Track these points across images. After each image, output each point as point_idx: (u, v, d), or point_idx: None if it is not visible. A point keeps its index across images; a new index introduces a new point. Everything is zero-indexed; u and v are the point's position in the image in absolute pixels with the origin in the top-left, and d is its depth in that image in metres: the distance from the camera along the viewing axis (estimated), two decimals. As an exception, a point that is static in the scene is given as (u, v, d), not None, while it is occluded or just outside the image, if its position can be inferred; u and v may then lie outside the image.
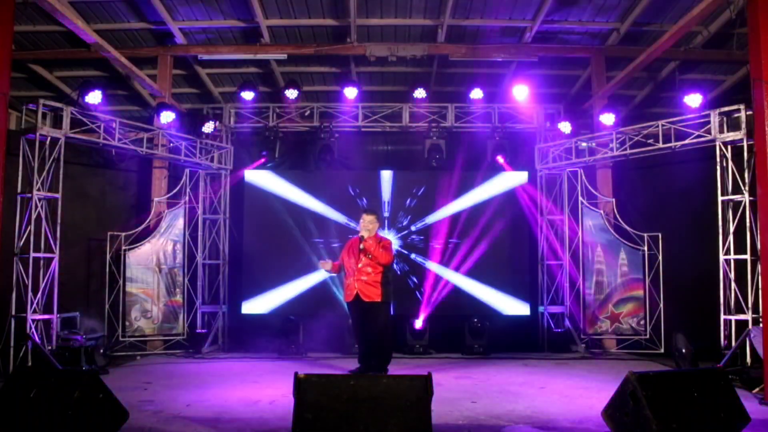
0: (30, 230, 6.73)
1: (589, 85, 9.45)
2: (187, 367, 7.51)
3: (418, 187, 9.45)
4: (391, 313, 6.64)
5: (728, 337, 6.73)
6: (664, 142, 7.83)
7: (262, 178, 9.46)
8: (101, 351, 7.29)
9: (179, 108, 9.68)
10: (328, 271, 6.70)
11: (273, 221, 9.36)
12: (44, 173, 6.95)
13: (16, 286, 6.64)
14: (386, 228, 9.31)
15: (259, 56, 9.13)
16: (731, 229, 6.93)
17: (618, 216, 8.76)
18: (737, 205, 6.89)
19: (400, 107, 9.43)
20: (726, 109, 7.11)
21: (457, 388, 6.00)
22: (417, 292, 9.16)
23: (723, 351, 6.63)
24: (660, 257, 8.31)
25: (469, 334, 8.48)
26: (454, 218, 9.34)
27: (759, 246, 5.77)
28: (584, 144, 8.87)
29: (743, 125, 6.81)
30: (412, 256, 9.31)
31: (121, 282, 8.24)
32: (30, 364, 6.32)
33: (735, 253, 6.88)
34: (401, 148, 9.83)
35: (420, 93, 9.07)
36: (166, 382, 6.31)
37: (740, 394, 4.32)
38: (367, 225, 6.41)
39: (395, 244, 9.12)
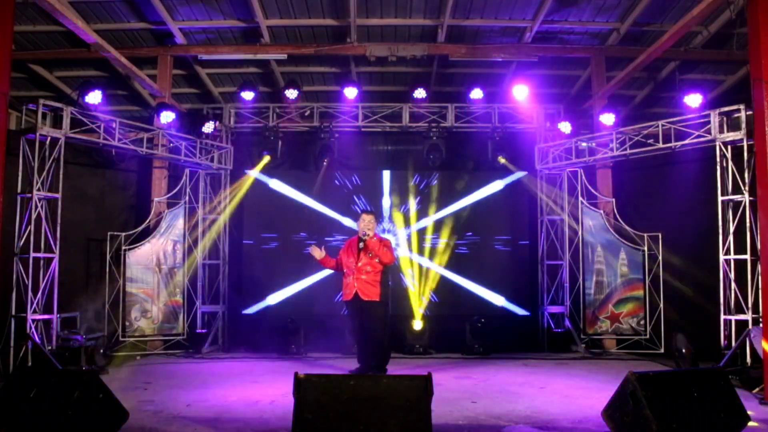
0: (30, 230, 6.73)
1: (589, 85, 9.45)
2: (187, 367, 7.51)
3: (418, 187, 9.45)
4: (389, 312, 6.64)
5: (728, 337, 6.73)
6: (664, 142, 7.83)
7: (261, 178, 9.45)
8: (101, 351, 7.28)
9: (179, 108, 9.68)
10: (318, 260, 6.60)
11: (273, 221, 9.36)
12: (44, 173, 6.95)
13: (16, 286, 6.64)
14: (386, 227, 9.31)
15: (259, 56, 9.13)
16: (731, 229, 6.92)
17: (618, 216, 8.76)
18: (737, 205, 6.89)
19: (400, 107, 9.43)
20: (726, 109, 7.11)
21: (457, 388, 5.99)
22: (417, 292, 9.15)
23: (723, 351, 6.63)
24: (660, 257, 8.30)
25: (469, 334, 8.47)
26: (454, 218, 9.35)
27: (759, 246, 5.77)
28: (584, 144, 8.87)
29: (743, 125, 6.82)
30: (412, 255, 9.31)
31: (121, 282, 8.24)
32: (30, 364, 6.32)
33: (735, 253, 6.88)
34: (401, 148, 9.83)
35: (420, 93, 9.06)
36: (166, 382, 6.30)
37: (740, 394, 4.32)
38: (366, 225, 6.42)
39: (395, 244, 9.14)
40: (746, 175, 6.69)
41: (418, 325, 8.64)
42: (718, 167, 7.09)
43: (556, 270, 9.30)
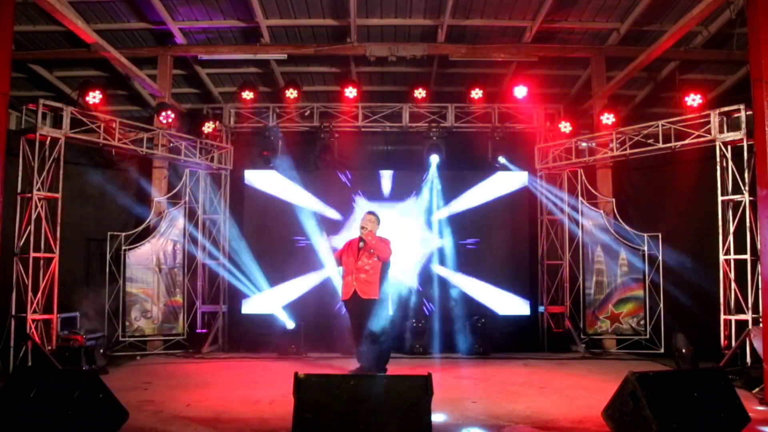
0: (30, 230, 6.73)
1: (589, 85, 9.45)
2: (187, 367, 7.51)
3: (418, 187, 9.44)
4: (389, 311, 6.63)
5: (728, 337, 6.73)
6: (664, 142, 7.83)
7: (262, 178, 9.46)
8: (101, 351, 7.28)
9: (179, 108, 9.68)
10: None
11: (273, 221, 9.36)
12: (44, 173, 6.95)
13: (16, 286, 6.64)
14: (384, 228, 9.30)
15: (259, 56, 9.13)
16: (731, 229, 6.93)
17: (618, 216, 8.76)
18: (737, 205, 6.89)
19: (400, 107, 9.42)
20: (726, 109, 7.12)
21: (457, 388, 5.99)
22: (416, 292, 9.15)
23: (723, 351, 6.63)
24: (660, 257, 8.30)
25: (469, 334, 8.47)
26: (454, 218, 9.34)
27: (759, 246, 5.77)
28: (584, 144, 8.87)
29: (743, 125, 6.82)
30: (412, 256, 9.30)
31: (121, 282, 8.24)
32: (30, 364, 6.32)
33: (735, 253, 6.88)
34: (401, 148, 9.82)
35: (420, 93, 9.07)
36: (166, 382, 6.30)
37: (740, 394, 4.32)
38: (366, 224, 6.44)
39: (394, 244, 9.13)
40: (746, 175, 6.69)
41: (416, 324, 8.61)
42: (718, 167, 7.09)
43: (556, 270, 9.29)
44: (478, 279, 9.26)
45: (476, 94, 9.02)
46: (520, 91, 8.88)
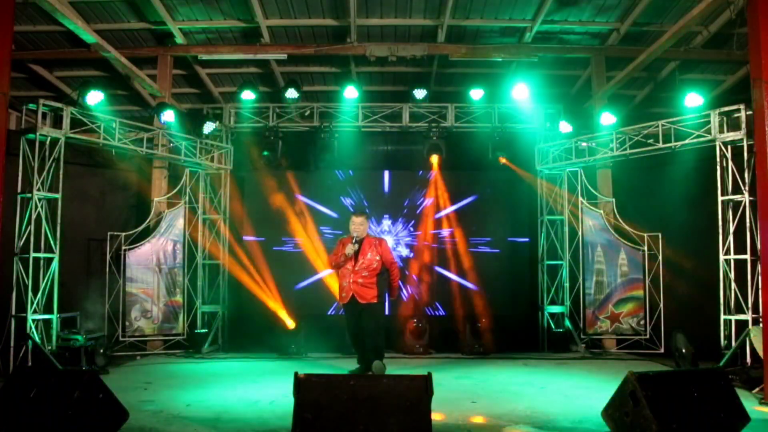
0: (30, 230, 6.73)
1: (589, 85, 9.45)
2: (187, 367, 7.51)
3: (418, 187, 9.45)
4: (386, 311, 6.62)
5: (728, 337, 6.73)
6: (664, 142, 7.83)
7: (262, 178, 9.45)
8: (101, 351, 7.28)
9: (179, 108, 9.68)
10: (348, 255, 6.39)
11: (273, 221, 9.36)
12: (44, 173, 6.95)
13: (16, 286, 6.64)
14: (385, 228, 9.31)
15: (259, 56, 9.13)
16: (731, 229, 6.93)
17: (618, 216, 8.76)
18: (737, 205, 6.89)
19: (400, 107, 9.42)
20: (726, 109, 7.12)
21: (457, 388, 5.99)
22: (417, 292, 9.15)
23: (723, 351, 6.63)
24: (660, 257, 8.30)
25: (469, 334, 8.47)
26: (454, 218, 9.34)
27: (759, 246, 5.77)
28: (584, 144, 8.87)
29: (743, 125, 6.82)
30: (412, 256, 9.31)
31: (121, 282, 8.24)
32: (30, 364, 6.32)
33: (735, 253, 6.88)
34: (401, 148, 9.82)
35: (420, 93, 9.06)
36: (166, 382, 6.30)
37: (740, 394, 4.32)
38: (357, 227, 6.42)
39: (392, 244, 9.15)
40: (746, 175, 6.69)
41: (417, 324, 8.62)
42: (718, 167, 7.09)
43: (556, 270, 9.29)
44: (478, 278, 9.25)
45: (476, 93, 9.01)
46: (520, 91, 8.87)
